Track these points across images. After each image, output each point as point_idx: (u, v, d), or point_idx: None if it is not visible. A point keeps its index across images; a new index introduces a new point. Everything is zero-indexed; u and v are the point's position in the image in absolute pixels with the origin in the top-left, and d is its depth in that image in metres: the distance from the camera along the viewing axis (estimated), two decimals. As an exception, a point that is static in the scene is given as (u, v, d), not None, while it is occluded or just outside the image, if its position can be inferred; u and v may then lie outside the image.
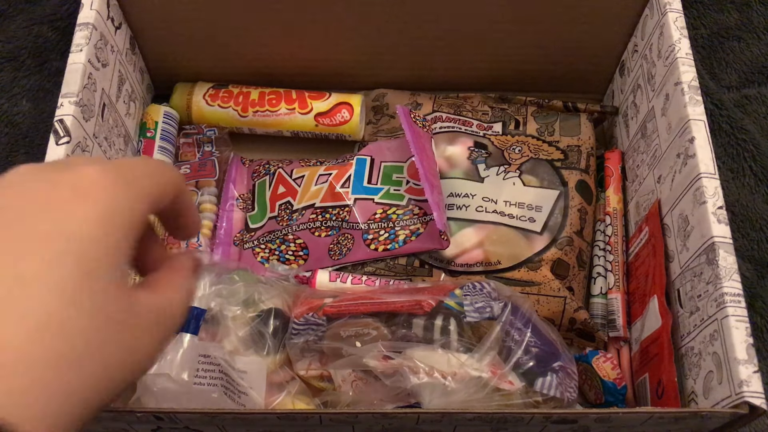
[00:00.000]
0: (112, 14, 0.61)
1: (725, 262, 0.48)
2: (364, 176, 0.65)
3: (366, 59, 0.70)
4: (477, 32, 0.67)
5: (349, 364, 0.52)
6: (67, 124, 0.52)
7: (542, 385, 0.50)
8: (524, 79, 0.72)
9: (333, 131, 0.70)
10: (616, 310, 0.61)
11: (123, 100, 0.64)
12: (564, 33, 0.67)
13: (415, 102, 0.70)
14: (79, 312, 0.26)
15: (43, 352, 0.25)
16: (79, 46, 0.56)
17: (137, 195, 0.29)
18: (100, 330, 0.27)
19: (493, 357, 0.49)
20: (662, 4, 0.60)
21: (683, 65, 0.57)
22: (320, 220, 0.63)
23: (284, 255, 0.63)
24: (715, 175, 0.52)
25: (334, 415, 0.45)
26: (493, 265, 0.59)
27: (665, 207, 0.58)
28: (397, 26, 0.67)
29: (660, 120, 0.59)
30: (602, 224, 0.65)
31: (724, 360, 0.46)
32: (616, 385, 0.56)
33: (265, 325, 0.53)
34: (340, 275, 0.60)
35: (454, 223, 0.61)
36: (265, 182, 0.67)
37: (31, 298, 0.25)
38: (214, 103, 0.70)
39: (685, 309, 0.53)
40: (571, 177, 0.63)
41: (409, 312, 0.52)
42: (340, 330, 0.52)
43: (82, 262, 0.27)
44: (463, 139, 0.66)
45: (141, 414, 0.43)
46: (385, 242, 0.61)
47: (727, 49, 0.81)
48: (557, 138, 0.66)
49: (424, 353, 0.50)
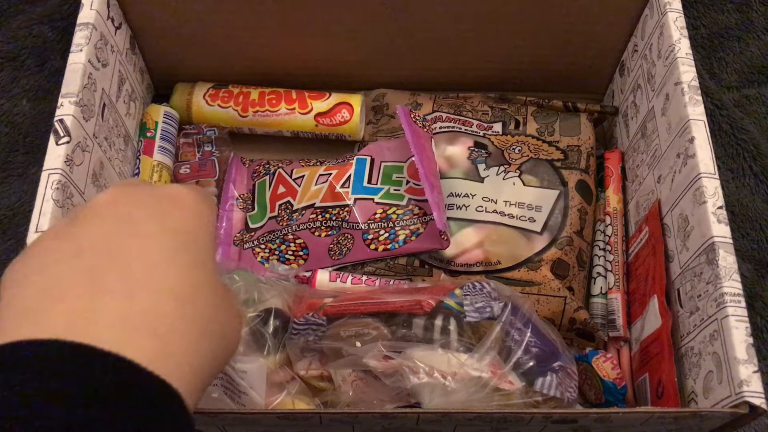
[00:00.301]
0: (112, 14, 0.61)
1: (725, 262, 0.48)
2: (364, 176, 0.65)
3: (366, 59, 0.70)
4: (477, 32, 0.67)
5: (349, 364, 0.52)
6: (67, 124, 0.52)
7: (542, 385, 0.50)
8: (524, 79, 0.72)
9: (333, 131, 0.70)
10: (616, 310, 0.61)
11: (123, 100, 0.64)
12: (564, 33, 0.67)
13: (415, 102, 0.70)
14: (203, 291, 0.32)
15: (186, 323, 0.31)
16: (79, 46, 0.56)
17: (210, 207, 0.36)
18: (216, 307, 0.33)
19: (493, 357, 0.49)
20: (662, 4, 0.60)
21: (683, 65, 0.57)
22: (320, 220, 0.63)
23: (284, 255, 0.63)
24: (715, 175, 0.52)
25: (334, 415, 0.45)
26: (493, 265, 0.59)
27: (665, 207, 0.58)
28: (398, 26, 0.67)
29: (660, 120, 0.59)
30: (602, 224, 0.65)
31: (724, 360, 0.46)
32: (616, 385, 0.56)
33: (265, 325, 0.53)
34: (340, 275, 0.60)
35: (454, 223, 0.61)
36: (265, 182, 0.67)
37: (169, 277, 0.31)
38: (214, 103, 0.70)
39: (685, 309, 0.53)
40: (571, 177, 0.63)
41: (409, 312, 0.52)
42: (340, 330, 0.52)
43: (191, 251, 0.33)
44: (463, 139, 0.66)
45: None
46: (385, 242, 0.61)
47: (727, 49, 0.81)
48: (557, 138, 0.66)
49: (424, 353, 0.50)
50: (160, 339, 0.29)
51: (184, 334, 0.30)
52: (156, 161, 0.66)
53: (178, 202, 0.35)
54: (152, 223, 0.33)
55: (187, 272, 0.32)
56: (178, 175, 0.68)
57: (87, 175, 0.55)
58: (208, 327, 0.32)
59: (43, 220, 0.48)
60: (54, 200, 0.49)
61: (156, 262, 0.32)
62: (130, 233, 0.33)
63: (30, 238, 0.47)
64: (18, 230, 0.69)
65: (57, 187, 0.50)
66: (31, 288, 0.31)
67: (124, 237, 0.32)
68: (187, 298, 0.31)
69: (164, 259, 0.32)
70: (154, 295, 0.31)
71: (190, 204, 0.35)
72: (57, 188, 0.50)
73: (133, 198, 0.35)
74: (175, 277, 0.32)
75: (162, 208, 0.34)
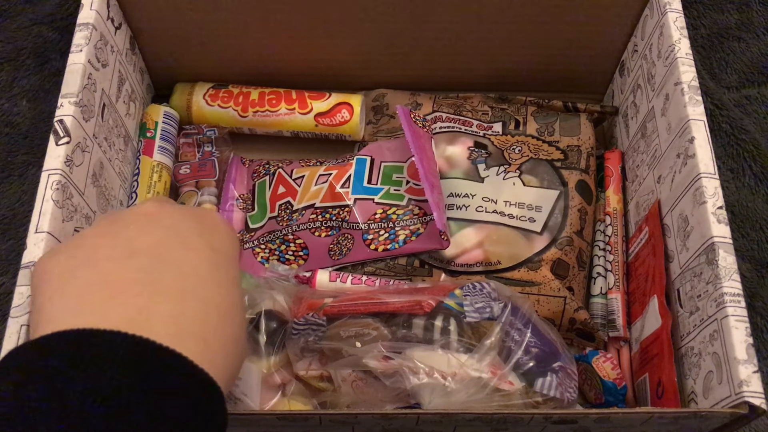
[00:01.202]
0: (112, 14, 0.61)
1: (725, 262, 0.48)
2: (364, 176, 0.65)
3: (366, 59, 0.70)
4: (477, 32, 0.67)
5: (349, 364, 0.52)
6: (67, 125, 0.52)
7: (542, 386, 0.50)
8: (524, 79, 0.72)
9: (333, 131, 0.70)
10: (616, 310, 0.61)
11: (123, 101, 0.64)
12: (564, 33, 0.67)
13: (415, 102, 0.70)
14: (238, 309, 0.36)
15: (225, 337, 0.34)
16: (79, 47, 0.56)
17: (235, 232, 0.41)
18: (242, 326, 0.37)
19: (493, 357, 0.49)
20: (662, 4, 0.60)
21: (683, 65, 0.57)
22: (320, 220, 0.63)
23: (284, 255, 0.63)
24: (715, 175, 0.52)
25: (333, 416, 0.45)
26: (493, 265, 0.59)
27: (665, 207, 0.58)
28: (397, 26, 0.67)
29: (660, 120, 0.59)
30: (602, 224, 0.65)
31: (724, 360, 0.46)
32: (616, 385, 0.56)
33: (257, 328, 0.53)
34: (340, 275, 0.60)
35: (454, 223, 0.61)
36: (265, 182, 0.67)
37: (215, 291, 0.35)
38: (214, 103, 0.70)
39: (684, 309, 0.53)
40: (571, 177, 0.63)
41: (409, 312, 0.52)
42: (340, 330, 0.52)
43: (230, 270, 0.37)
44: (463, 139, 0.66)
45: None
46: (385, 242, 0.61)
47: (727, 49, 0.81)
48: (557, 138, 0.66)
49: (424, 354, 0.50)
50: (206, 344, 0.32)
51: (224, 346, 0.34)
52: (156, 161, 0.66)
53: (215, 224, 0.39)
54: (198, 240, 0.37)
55: (227, 290, 0.36)
56: (178, 175, 0.68)
57: (87, 176, 0.55)
58: (239, 343, 0.36)
59: (42, 220, 0.48)
60: (54, 201, 0.49)
61: (204, 275, 0.35)
62: (181, 245, 0.36)
63: (30, 238, 0.47)
64: (18, 230, 0.69)
65: (57, 187, 0.50)
66: (80, 281, 0.33)
67: (176, 247, 0.35)
68: (227, 314, 0.35)
69: (210, 274, 0.35)
70: (202, 305, 0.34)
71: (225, 227, 0.39)
72: (57, 189, 0.50)
73: (178, 213, 0.38)
74: (219, 293, 0.35)
75: (204, 227, 0.38)
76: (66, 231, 0.50)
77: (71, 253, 0.35)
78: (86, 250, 0.35)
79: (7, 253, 0.68)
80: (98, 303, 0.32)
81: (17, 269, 0.46)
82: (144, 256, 0.34)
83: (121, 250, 0.34)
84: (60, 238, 0.49)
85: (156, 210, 0.38)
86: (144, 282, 0.33)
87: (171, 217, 0.37)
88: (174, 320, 0.32)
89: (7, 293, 0.66)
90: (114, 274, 0.33)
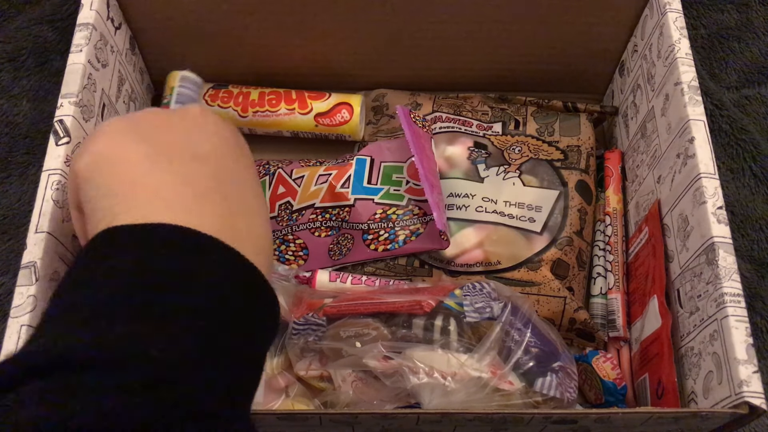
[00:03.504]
0: (111, 14, 0.61)
1: (725, 262, 0.48)
2: (364, 176, 0.65)
3: (366, 59, 0.70)
4: (477, 32, 0.67)
5: (349, 364, 0.52)
6: (67, 125, 0.52)
7: (542, 386, 0.50)
8: (524, 79, 0.72)
9: (333, 131, 0.70)
10: (616, 310, 0.61)
11: (123, 101, 0.64)
12: (564, 33, 0.67)
13: (415, 102, 0.70)
14: (259, 196, 0.39)
15: (270, 241, 0.39)
16: (79, 47, 0.56)
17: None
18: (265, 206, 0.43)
19: (493, 357, 0.49)
20: (662, 4, 0.60)
21: (683, 65, 0.57)
22: (320, 220, 0.63)
23: (284, 255, 0.63)
24: (715, 175, 0.52)
25: (333, 416, 0.45)
26: (493, 265, 0.59)
27: (665, 207, 0.58)
28: (397, 26, 0.67)
29: (660, 120, 0.59)
30: (602, 224, 0.65)
31: (723, 360, 0.46)
32: (616, 385, 0.56)
33: None
34: (340, 275, 0.60)
35: (454, 223, 0.61)
36: (265, 182, 0.67)
37: (262, 204, 0.39)
38: (214, 103, 0.70)
39: (684, 309, 0.53)
40: (570, 177, 0.63)
41: (409, 312, 0.52)
42: (340, 330, 0.52)
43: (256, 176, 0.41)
44: (463, 139, 0.66)
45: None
46: (384, 242, 0.61)
47: (727, 49, 0.81)
48: (557, 138, 0.66)
49: (423, 353, 0.50)
50: (269, 260, 0.37)
51: (271, 255, 0.38)
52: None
53: (238, 136, 0.41)
54: (242, 152, 0.40)
55: (263, 199, 0.40)
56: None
57: (87, 176, 0.55)
58: (268, 226, 0.39)
59: (42, 220, 0.48)
60: (54, 201, 0.49)
61: (256, 189, 0.39)
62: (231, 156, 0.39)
63: (30, 238, 0.47)
64: (18, 230, 0.69)
65: (57, 187, 0.50)
66: (163, 175, 0.35)
67: (230, 158, 0.38)
68: (268, 222, 0.39)
69: (256, 186, 0.39)
70: (263, 221, 0.38)
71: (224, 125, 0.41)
72: (57, 189, 0.49)
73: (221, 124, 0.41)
74: (265, 204, 0.40)
75: (239, 138, 0.41)
76: (66, 231, 0.50)
77: (144, 143, 0.36)
78: (158, 145, 0.36)
79: (7, 253, 0.68)
80: (190, 203, 0.34)
81: (17, 269, 0.46)
82: (212, 164, 0.37)
83: (191, 153, 0.36)
84: (60, 238, 0.49)
85: (203, 117, 0.40)
86: (218, 191, 0.35)
87: (216, 125, 0.40)
88: (250, 236, 0.35)
89: (7, 293, 0.66)
90: (190, 176, 0.35)
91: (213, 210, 0.34)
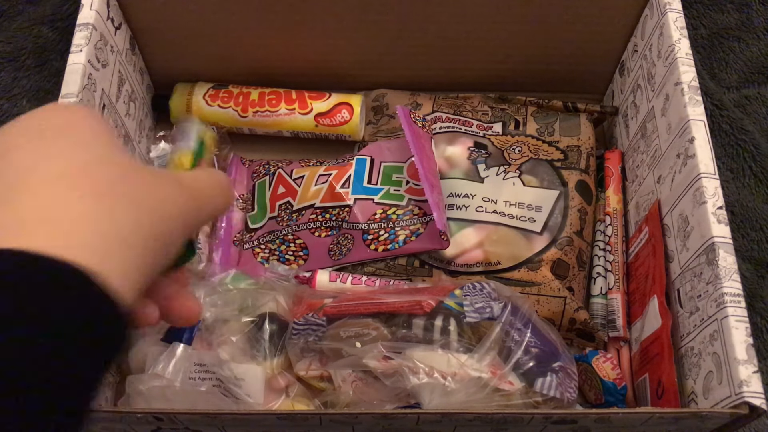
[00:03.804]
0: (112, 14, 0.61)
1: (725, 262, 0.48)
2: (364, 176, 0.65)
3: (366, 59, 0.70)
4: (477, 32, 0.67)
5: (349, 364, 0.52)
6: (67, 125, 0.52)
7: (542, 386, 0.50)
8: (524, 79, 0.72)
9: (333, 131, 0.70)
10: (616, 311, 0.61)
11: (123, 101, 0.64)
12: (564, 33, 0.67)
13: (415, 102, 0.70)
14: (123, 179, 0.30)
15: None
16: (79, 47, 0.56)
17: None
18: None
19: (493, 357, 0.49)
20: (662, 4, 0.60)
21: (683, 65, 0.57)
22: (320, 221, 0.63)
23: (284, 255, 0.63)
24: (715, 175, 0.52)
25: (333, 416, 0.45)
26: (493, 265, 0.59)
27: (665, 207, 0.58)
28: (397, 26, 0.67)
29: (660, 120, 0.59)
30: (602, 224, 0.65)
31: (723, 360, 0.46)
32: (616, 386, 0.56)
33: (260, 330, 0.53)
34: (340, 275, 0.60)
35: (454, 223, 0.61)
36: (265, 182, 0.67)
37: (95, 175, 0.29)
38: (214, 103, 0.70)
39: (684, 309, 0.53)
40: (571, 177, 0.63)
41: (409, 312, 0.52)
42: (340, 330, 0.52)
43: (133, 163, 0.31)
44: (463, 140, 0.66)
45: (141, 415, 0.43)
46: (385, 242, 0.61)
47: (727, 49, 0.81)
48: (557, 138, 0.66)
49: (424, 354, 0.50)
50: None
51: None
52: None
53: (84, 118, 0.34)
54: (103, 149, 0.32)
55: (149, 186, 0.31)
56: (178, 175, 0.68)
57: (87, 176, 0.55)
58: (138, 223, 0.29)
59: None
60: (54, 201, 0.49)
61: (138, 183, 0.30)
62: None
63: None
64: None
65: (57, 187, 0.49)
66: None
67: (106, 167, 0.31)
68: (114, 191, 0.29)
69: (140, 183, 0.30)
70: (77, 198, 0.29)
71: (96, 121, 0.34)
72: (57, 189, 0.49)
73: (47, 118, 0.34)
74: (106, 174, 0.30)
75: (72, 128, 0.33)
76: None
77: None
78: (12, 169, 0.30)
79: (7, 253, 0.68)
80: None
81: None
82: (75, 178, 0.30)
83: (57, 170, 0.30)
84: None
85: (64, 121, 0.33)
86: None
87: (43, 118, 0.33)
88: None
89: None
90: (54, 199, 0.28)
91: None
